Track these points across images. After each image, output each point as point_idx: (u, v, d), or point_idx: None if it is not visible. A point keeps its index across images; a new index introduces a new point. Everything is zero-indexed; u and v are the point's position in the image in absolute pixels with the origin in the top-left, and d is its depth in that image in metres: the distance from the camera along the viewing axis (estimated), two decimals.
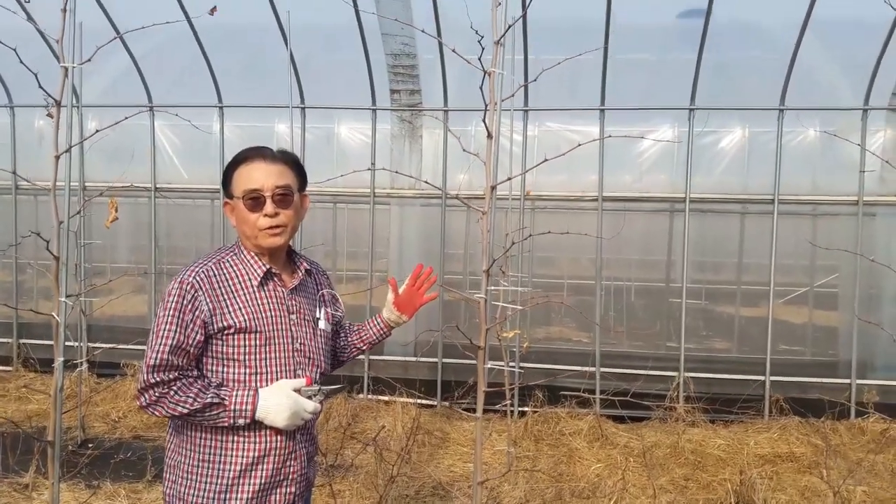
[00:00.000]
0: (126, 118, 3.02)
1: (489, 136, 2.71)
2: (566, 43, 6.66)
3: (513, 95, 2.98)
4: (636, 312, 6.74)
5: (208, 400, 1.98)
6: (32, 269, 7.00)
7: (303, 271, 2.24)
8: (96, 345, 6.26)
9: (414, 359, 6.41)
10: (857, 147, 5.75)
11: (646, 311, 6.77)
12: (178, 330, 2.00)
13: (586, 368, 6.16)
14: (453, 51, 2.66)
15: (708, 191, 6.29)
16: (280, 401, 2.01)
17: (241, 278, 2.12)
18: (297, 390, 2.05)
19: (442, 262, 6.47)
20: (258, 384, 2.06)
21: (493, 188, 2.76)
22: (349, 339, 2.49)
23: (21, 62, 2.86)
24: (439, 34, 5.65)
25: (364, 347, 2.50)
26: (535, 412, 5.85)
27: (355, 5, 5.23)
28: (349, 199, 6.89)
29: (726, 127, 6.38)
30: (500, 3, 2.65)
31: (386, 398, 6.28)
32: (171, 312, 2.01)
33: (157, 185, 6.89)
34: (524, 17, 4.80)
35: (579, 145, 2.80)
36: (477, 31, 2.33)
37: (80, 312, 5.59)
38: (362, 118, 6.71)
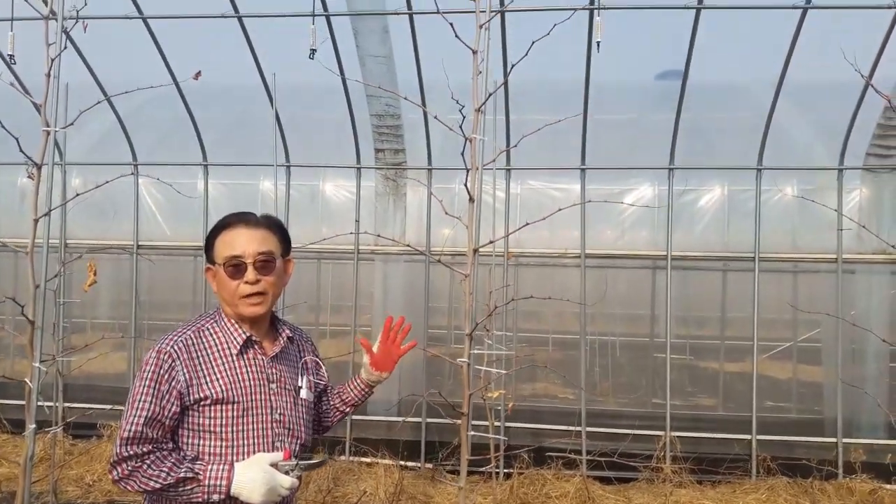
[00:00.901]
0: (108, 182, 3.02)
1: (471, 200, 2.73)
2: (547, 102, 6.80)
3: (494, 160, 3.02)
4: (621, 368, 6.71)
5: (182, 474, 1.93)
6: (9, 328, 6.87)
7: (284, 338, 2.22)
8: (72, 405, 6.13)
9: (397, 419, 6.31)
10: (836, 204, 5.85)
11: (631, 367, 6.74)
12: (154, 401, 1.96)
13: (572, 428, 6.09)
14: (435, 117, 2.70)
15: (689, 248, 6.34)
16: (255, 476, 1.96)
17: (220, 346, 2.09)
18: (275, 465, 2.00)
19: (426, 317, 6.44)
20: (234, 458, 2.01)
21: (476, 251, 2.78)
22: (332, 403, 2.45)
23: (2, 126, 2.86)
24: (423, 97, 5.74)
25: (347, 410, 2.46)
26: (521, 474, 5.74)
27: (342, 74, 5.32)
28: (333, 256, 6.87)
29: (706, 185, 6.47)
30: (480, 72, 2.70)
31: (368, 460, 6.15)
32: (146, 383, 1.98)
33: (140, 243, 6.84)
34: (506, 83, 4.89)
35: (560, 210, 2.84)
36: (458, 101, 2.38)
37: (56, 373, 5.48)
38: (347, 175, 6.75)
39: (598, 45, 3.85)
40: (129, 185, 6.82)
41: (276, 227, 2.19)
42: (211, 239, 2.15)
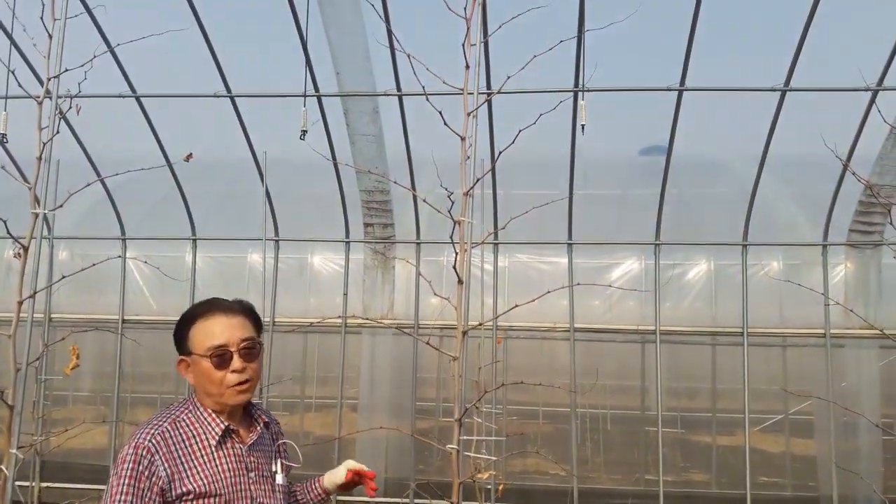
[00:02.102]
0: (94, 265, 3.00)
1: (460, 281, 2.73)
2: (534, 176, 6.88)
3: (483, 242, 3.04)
4: (613, 442, 6.59)
5: None
6: None
7: (261, 425, 2.16)
8: (49, 485, 5.93)
9: (384, 500, 6.13)
10: (821, 277, 5.89)
11: (622, 441, 6.62)
12: (134, 500, 1.89)
13: None
14: (424, 200, 2.73)
15: (678, 322, 6.33)
16: None
17: (198, 438, 2.03)
18: None
19: (414, 389, 6.33)
20: None
21: (465, 333, 2.76)
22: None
23: None
24: (412, 175, 5.81)
25: None
26: None
27: (333, 155, 5.38)
28: (320, 329, 6.80)
29: (692, 260, 6.50)
30: (468, 157, 2.74)
31: None
32: (125, 481, 1.90)
33: (126, 317, 6.74)
34: (493, 168, 4.95)
35: (548, 292, 2.84)
36: (447, 188, 2.40)
37: (34, 452, 5.34)
38: (336, 248, 6.75)
39: (583, 128, 3.93)
40: (116, 260, 6.77)
41: (250, 312, 2.16)
42: (184, 329, 2.09)
